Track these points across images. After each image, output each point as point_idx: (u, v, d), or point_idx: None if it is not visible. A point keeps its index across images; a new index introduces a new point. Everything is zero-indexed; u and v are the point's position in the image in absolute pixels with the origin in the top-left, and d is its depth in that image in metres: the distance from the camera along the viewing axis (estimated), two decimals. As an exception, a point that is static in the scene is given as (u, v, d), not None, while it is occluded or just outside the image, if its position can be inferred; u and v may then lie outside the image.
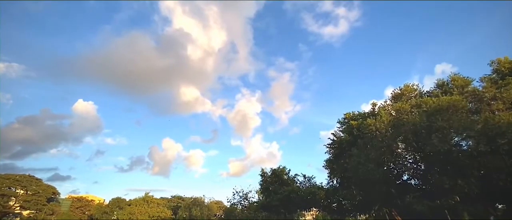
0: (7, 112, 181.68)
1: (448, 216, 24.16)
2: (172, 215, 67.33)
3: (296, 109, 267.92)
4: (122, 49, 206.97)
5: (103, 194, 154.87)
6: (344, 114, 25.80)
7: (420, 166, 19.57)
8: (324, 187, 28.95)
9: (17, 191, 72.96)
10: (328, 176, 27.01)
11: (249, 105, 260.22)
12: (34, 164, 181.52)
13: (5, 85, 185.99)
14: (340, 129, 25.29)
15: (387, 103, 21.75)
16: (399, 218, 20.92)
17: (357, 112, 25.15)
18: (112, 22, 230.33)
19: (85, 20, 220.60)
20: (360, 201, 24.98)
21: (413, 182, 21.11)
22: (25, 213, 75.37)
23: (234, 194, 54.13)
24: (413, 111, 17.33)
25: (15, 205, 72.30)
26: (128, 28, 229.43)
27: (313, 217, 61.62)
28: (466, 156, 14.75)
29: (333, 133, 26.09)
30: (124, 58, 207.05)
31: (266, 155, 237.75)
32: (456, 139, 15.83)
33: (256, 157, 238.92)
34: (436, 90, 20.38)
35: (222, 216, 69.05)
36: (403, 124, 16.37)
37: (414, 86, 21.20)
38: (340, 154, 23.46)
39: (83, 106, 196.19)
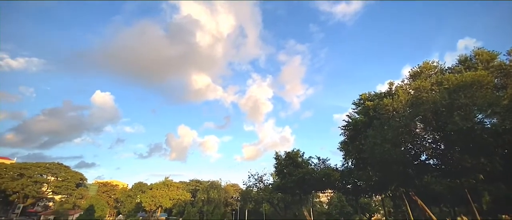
0: (32, 105, 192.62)
1: (469, 196, 23.75)
2: (191, 197, 70.58)
3: (308, 92, 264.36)
4: (133, 39, 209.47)
5: (125, 179, 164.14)
6: (359, 95, 25.24)
7: (440, 145, 19.06)
8: (339, 168, 29.07)
9: (48, 178, 78.66)
10: (343, 158, 27.02)
11: (260, 90, 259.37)
12: (61, 153, 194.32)
13: (28, 79, 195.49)
14: (355, 110, 24.87)
15: (405, 82, 20.96)
16: (417, 198, 20.80)
17: (373, 93, 24.52)
18: (121, 12, 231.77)
19: (94, 11, 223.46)
20: (376, 182, 25.00)
21: (432, 162, 20.71)
22: (57, 197, 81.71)
23: (249, 177, 55.74)
24: (433, 89, 16.64)
25: (47, 190, 78.31)
26: (137, 17, 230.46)
27: (328, 198, 62.55)
28: (490, 133, 14.16)
29: (348, 115, 25.74)
30: (135, 48, 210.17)
31: (279, 139, 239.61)
32: (479, 116, 15.16)
33: (269, 141, 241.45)
34: (458, 66, 19.34)
35: (239, 198, 71.60)
36: (422, 103, 15.81)
37: (434, 63, 20.20)
38: (355, 135, 23.23)
39: (101, 97, 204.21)
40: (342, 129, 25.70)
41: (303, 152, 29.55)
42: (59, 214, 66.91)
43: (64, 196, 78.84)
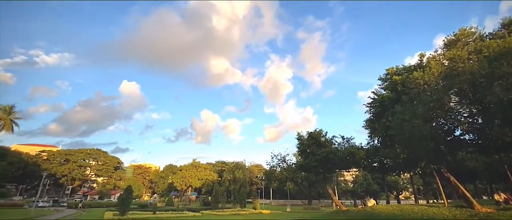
0: (69, 97, 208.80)
1: (508, 172, 22.21)
2: (218, 177, 74.18)
3: (329, 70, 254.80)
4: (151, 27, 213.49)
5: (157, 162, 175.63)
6: (386, 70, 23.84)
7: (477, 119, 17.72)
8: (364, 147, 28.46)
9: (90, 162, 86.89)
10: (369, 136, 26.25)
11: (279, 71, 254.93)
12: (99, 140, 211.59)
13: (62, 73, 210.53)
14: (381, 86, 23.64)
15: (438, 52, 19.27)
16: (449, 175, 19.90)
17: (401, 66, 23.01)
18: (137, 2, 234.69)
19: (113, 3, 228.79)
20: (404, 160, 24.23)
21: (467, 137, 19.46)
22: (99, 179, 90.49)
23: (272, 157, 56.89)
24: (470, 58, 15.17)
25: (90, 173, 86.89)
26: (153, 5, 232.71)
27: (353, 177, 62.12)
28: (535, 104, 12.79)
29: (373, 92, 24.62)
30: (155, 36, 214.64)
31: (301, 120, 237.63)
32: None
33: (290, 122, 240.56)
34: (501, 31, 17.25)
35: (263, 178, 73.81)
36: (457, 74, 14.55)
37: (472, 30, 18.21)
38: (382, 112, 22.29)
39: (128, 87, 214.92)
40: (367, 106, 24.76)
41: (326, 132, 29.21)
42: (103, 194, 74.53)
43: (105, 178, 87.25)
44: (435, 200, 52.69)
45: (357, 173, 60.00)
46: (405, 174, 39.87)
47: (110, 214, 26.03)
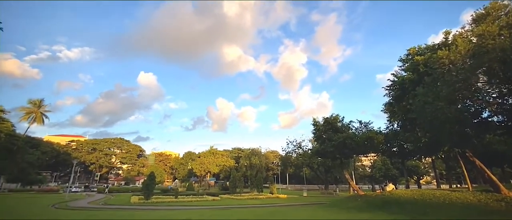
0: (91, 90, 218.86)
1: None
2: (235, 163, 76.05)
3: (346, 53, 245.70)
4: (164, 18, 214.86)
5: (176, 149, 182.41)
6: (407, 50, 22.58)
7: (507, 99, 16.53)
8: (383, 131, 27.69)
9: (115, 150, 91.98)
10: (388, 120, 25.44)
11: (293, 56, 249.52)
12: (121, 129, 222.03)
13: (84, 67, 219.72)
14: (402, 67, 22.51)
15: (466, 29, 17.86)
16: (475, 159, 19.03)
17: (424, 46, 21.66)
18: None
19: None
20: (425, 144, 23.32)
21: (495, 119, 18.30)
22: (124, 166, 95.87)
23: (288, 143, 56.99)
24: (502, 34, 13.92)
25: (116, 161, 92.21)
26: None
27: (371, 162, 61.14)
28: None
29: (393, 74, 23.55)
30: (167, 27, 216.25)
31: (316, 105, 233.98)
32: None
33: (306, 108, 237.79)
34: (540, 1, 15.62)
35: (279, 163, 74.64)
36: (487, 51, 13.47)
37: (505, 2, 16.58)
38: (402, 95, 21.36)
39: (145, 78, 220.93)
40: (387, 89, 23.82)
41: (343, 117, 28.59)
42: (128, 180, 79.27)
43: (129, 165, 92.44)
44: (458, 185, 50.90)
45: (375, 158, 58.92)
46: (427, 158, 38.60)
47: (136, 198, 27.78)
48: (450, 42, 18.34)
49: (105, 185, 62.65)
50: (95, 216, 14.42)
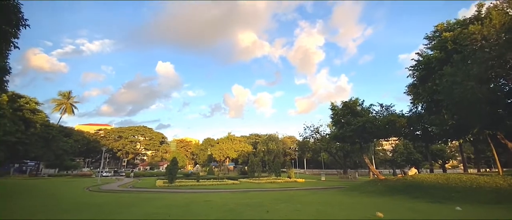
0: (114, 81, 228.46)
1: None
2: (252, 149, 77.37)
3: (366, 33, 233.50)
4: (179, 7, 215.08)
5: (196, 136, 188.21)
6: (435, 27, 21.01)
7: (548, 77, 15.07)
8: (406, 114, 26.58)
9: (139, 138, 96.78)
10: (411, 102, 24.34)
11: (309, 39, 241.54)
12: (144, 118, 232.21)
13: (106, 59, 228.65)
14: (428, 46, 21.12)
15: (501, 0, 16.20)
16: (507, 142, 17.80)
17: (453, 21, 20.02)
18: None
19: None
20: (452, 126, 22.14)
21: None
22: (148, 153, 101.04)
23: (305, 128, 56.66)
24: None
25: (140, 148, 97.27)
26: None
27: (392, 146, 59.38)
28: None
29: (418, 53, 22.19)
30: (182, 16, 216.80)
31: (334, 89, 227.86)
32: None
33: (323, 93, 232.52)
34: None
35: (296, 148, 74.81)
36: (526, 24, 12.23)
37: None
38: (427, 76, 20.19)
39: (163, 67, 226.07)
40: (411, 69, 22.59)
41: (363, 100, 27.68)
42: (152, 165, 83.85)
43: (153, 151, 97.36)
44: (487, 169, 48.22)
45: (397, 142, 57.07)
46: (453, 142, 36.75)
47: (161, 182, 29.46)
48: (483, 15, 16.79)
49: (131, 170, 66.98)
50: (125, 198, 15.55)
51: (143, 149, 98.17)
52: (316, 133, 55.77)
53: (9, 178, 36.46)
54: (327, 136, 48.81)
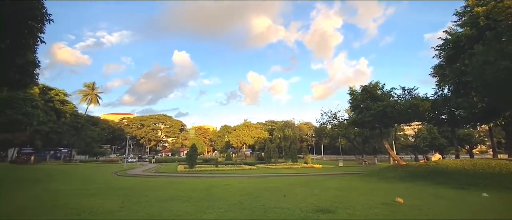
0: (133, 71, 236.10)
1: None
2: (269, 135, 77.93)
3: (387, 12, 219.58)
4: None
5: (213, 123, 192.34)
6: (465, 1, 19.29)
7: None
8: (430, 98, 25.22)
9: (159, 126, 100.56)
10: (436, 85, 23.00)
11: (326, 21, 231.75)
12: (163, 106, 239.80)
13: (125, 50, 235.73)
14: (458, 23, 19.51)
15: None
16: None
17: (487, -6, 18.21)
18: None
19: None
20: (482, 109, 20.79)
21: None
22: (169, 140, 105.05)
23: (322, 114, 55.76)
24: None
25: (161, 135, 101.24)
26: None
27: (414, 131, 57.09)
28: None
29: (446, 31, 20.61)
30: (196, 3, 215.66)
31: (353, 73, 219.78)
32: None
33: (341, 77, 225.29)
34: None
35: (313, 135, 74.27)
36: None
37: None
38: (456, 55, 18.81)
39: (179, 56, 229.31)
40: (437, 49, 21.14)
41: (384, 84, 26.54)
42: (173, 151, 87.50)
43: (173, 138, 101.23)
44: (521, 154, 45.13)
45: (419, 126, 54.68)
46: (482, 126, 34.54)
47: (182, 167, 30.80)
48: (523, -15, 15.06)
49: (152, 156, 70.51)
50: (150, 182, 16.50)
51: (164, 136, 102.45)
52: (334, 119, 54.76)
53: (46, 164, 39.88)
54: (345, 121, 47.79)
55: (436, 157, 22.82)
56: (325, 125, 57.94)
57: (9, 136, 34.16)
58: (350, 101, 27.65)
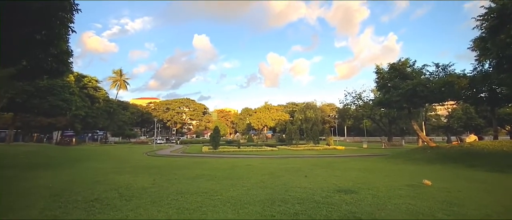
0: (157, 57, 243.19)
1: None
2: (290, 117, 77.64)
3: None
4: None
5: (234, 106, 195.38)
6: (515, -38, 16.71)
7: None
8: (468, 74, 23.05)
9: (184, 109, 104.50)
10: (476, 60, 20.76)
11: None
12: (186, 90, 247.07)
13: (147, 36, 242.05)
14: (505, -12, 17.10)
15: None
16: None
17: (545, -51, 15.55)
18: None
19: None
20: (529, 86, 18.68)
21: None
22: (193, 122, 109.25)
23: (346, 95, 53.94)
24: None
25: (186, 118, 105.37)
26: None
27: (448, 111, 53.30)
28: None
29: (489, -2, 18.23)
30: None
31: (380, 50, 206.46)
32: None
33: (367, 55, 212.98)
34: None
35: (336, 116, 72.53)
36: None
37: None
38: (500, 26, 16.66)
39: (199, 40, 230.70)
40: (479, 19, 18.80)
41: (414, 61, 24.65)
42: (198, 133, 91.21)
43: (197, 121, 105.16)
44: None
45: (454, 106, 50.83)
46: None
47: (206, 148, 32.20)
48: None
49: (178, 138, 74.48)
50: (178, 161, 17.54)
51: (189, 119, 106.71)
52: (358, 100, 52.76)
53: (86, 145, 43.93)
54: (371, 102, 45.82)
55: (472, 138, 21.23)
56: (349, 106, 56.16)
57: (52, 120, 37.88)
58: (377, 80, 26.26)
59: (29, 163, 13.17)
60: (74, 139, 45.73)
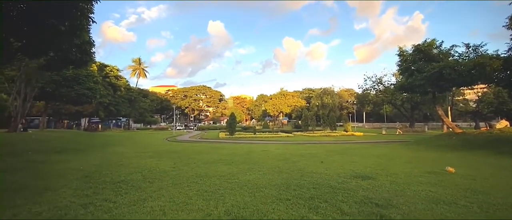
0: (173, 45, 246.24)
1: None
2: (306, 103, 76.61)
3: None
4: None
5: (250, 92, 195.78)
6: None
7: None
8: (502, 55, 21.14)
9: (200, 96, 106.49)
10: (511, 39, 19.00)
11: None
12: (202, 78, 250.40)
13: (163, 24, 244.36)
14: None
15: None
16: None
17: None
18: None
19: None
20: None
21: None
22: (210, 109, 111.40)
23: (366, 79, 52.00)
24: None
25: (203, 105, 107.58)
26: None
27: (478, 95, 49.88)
28: None
29: (531, -32, 16.26)
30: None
31: (404, 31, 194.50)
32: None
33: (389, 37, 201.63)
34: None
35: (354, 102, 70.47)
36: None
37: None
38: (544, -1, 14.99)
39: (214, 27, 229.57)
40: (517, -6, 17.04)
41: (441, 42, 22.92)
42: (215, 120, 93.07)
43: (214, 108, 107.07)
44: None
45: (485, 89, 47.37)
46: None
47: (223, 134, 32.88)
48: None
49: (195, 124, 76.75)
50: (197, 147, 18.15)
51: (205, 106, 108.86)
52: (379, 84, 50.70)
53: (111, 131, 46.49)
54: (392, 86, 43.84)
55: (502, 124, 19.83)
56: (369, 91, 54.21)
57: (79, 108, 40.28)
58: (399, 63, 24.92)
59: (61, 147, 14.27)
60: (100, 126, 48.54)
